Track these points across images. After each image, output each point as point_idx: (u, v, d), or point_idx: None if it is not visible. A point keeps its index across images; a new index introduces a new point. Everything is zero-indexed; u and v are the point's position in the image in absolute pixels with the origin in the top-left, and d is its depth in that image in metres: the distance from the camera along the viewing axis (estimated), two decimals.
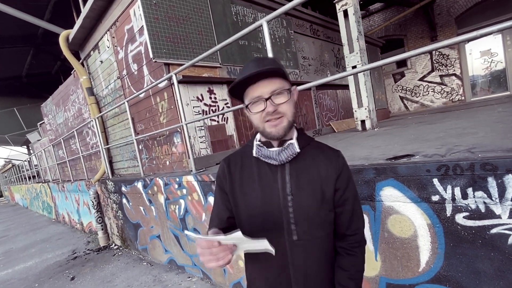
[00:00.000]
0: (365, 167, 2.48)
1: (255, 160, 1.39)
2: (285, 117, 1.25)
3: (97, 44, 7.22)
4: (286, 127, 1.26)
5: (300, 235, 1.31)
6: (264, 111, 1.23)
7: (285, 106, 1.23)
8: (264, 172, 1.36)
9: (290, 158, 1.31)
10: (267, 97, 1.21)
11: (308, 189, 1.31)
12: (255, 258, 1.42)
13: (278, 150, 1.31)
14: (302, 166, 1.34)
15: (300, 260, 1.33)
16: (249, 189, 1.37)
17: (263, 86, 1.21)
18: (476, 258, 2.00)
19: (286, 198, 1.30)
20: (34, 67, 18.02)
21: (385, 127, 6.59)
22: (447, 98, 13.31)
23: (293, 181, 1.31)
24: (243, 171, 1.41)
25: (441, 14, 13.03)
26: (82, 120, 9.23)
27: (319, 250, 1.35)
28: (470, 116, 5.37)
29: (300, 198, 1.30)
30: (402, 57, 2.45)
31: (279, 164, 1.32)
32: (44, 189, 15.09)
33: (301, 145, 1.34)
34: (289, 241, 1.31)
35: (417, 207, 2.22)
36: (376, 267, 2.58)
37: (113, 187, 7.18)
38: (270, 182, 1.33)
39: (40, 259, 8.08)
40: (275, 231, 1.31)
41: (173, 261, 5.65)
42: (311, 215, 1.31)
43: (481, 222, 1.95)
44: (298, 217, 1.30)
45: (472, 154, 2.14)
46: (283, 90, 1.22)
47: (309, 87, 3.21)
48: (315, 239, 1.33)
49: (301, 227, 1.30)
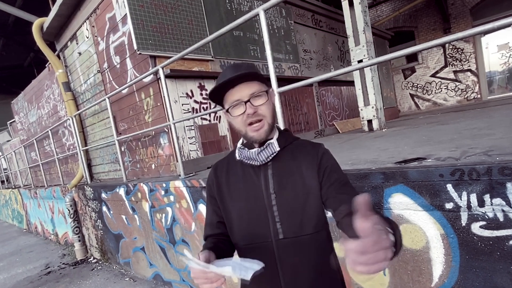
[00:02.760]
0: (372, 171, 2.48)
1: (239, 163, 1.53)
2: (265, 120, 1.38)
3: (75, 34, 7.20)
4: (267, 130, 1.39)
5: (286, 233, 1.40)
6: (245, 114, 1.35)
7: (264, 108, 1.37)
8: (248, 174, 1.49)
9: (270, 157, 1.43)
10: (246, 99, 1.33)
11: (291, 185, 1.42)
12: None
13: (257, 150, 1.43)
14: (284, 164, 1.46)
15: (288, 258, 1.42)
16: (235, 192, 1.51)
17: (241, 89, 1.34)
18: (494, 272, 2.00)
19: (270, 196, 1.42)
20: (4, 59, 17.93)
21: (394, 127, 6.61)
22: (461, 96, 13.38)
23: (275, 179, 1.43)
24: (229, 175, 1.55)
25: (455, 4, 13.10)
26: (58, 118, 9.19)
27: (307, 248, 1.42)
28: (486, 116, 5.40)
29: (283, 195, 1.41)
30: (412, 51, 2.46)
31: (261, 164, 1.44)
32: (14, 196, 14.97)
33: (282, 144, 1.45)
34: (275, 240, 1.41)
35: (430, 215, 2.23)
36: (384, 282, 2.58)
37: (92, 193, 7.14)
38: (254, 183, 1.46)
39: (8, 274, 8.02)
40: (261, 231, 1.43)
41: (159, 276, 5.63)
42: (295, 212, 1.41)
43: (499, 232, 1.95)
44: (282, 214, 1.41)
45: (489, 157, 2.15)
46: (261, 92, 1.36)
47: (311, 83, 3.22)
48: (302, 237, 1.41)
49: (286, 225, 1.40)
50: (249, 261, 1.13)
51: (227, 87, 1.36)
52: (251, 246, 1.46)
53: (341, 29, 10.62)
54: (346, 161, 3.30)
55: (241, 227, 1.49)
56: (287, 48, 8.36)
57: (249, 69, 1.34)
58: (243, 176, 1.50)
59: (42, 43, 7.73)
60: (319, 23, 10.09)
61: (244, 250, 1.50)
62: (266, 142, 1.43)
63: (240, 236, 1.49)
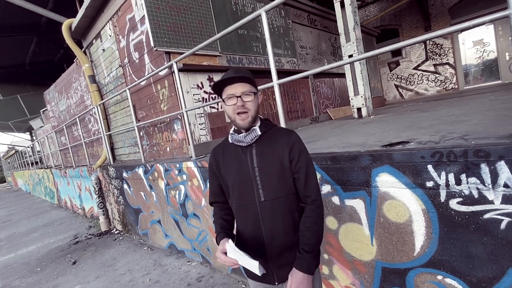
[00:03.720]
0: (361, 153, 2.47)
1: (232, 145, 1.83)
2: (250, 113, 1.69)
3: (99, 33, 7.16)
4: (250, 120, 1.71)
5: (266, 196, 1.73)
6: (236, 105, 1.66)
7: (250, 104, 1.68)
8: (238, 153, 1.80)
9: (254, 139, 1.74)
10: (239, 95, 1.65)
11: (270, 161, 1.73)
12: (237, 217, 1.89)
13: (244, 134, 1.74)
14: (265, 145, 1.76)
15: (268, 216, 1.74)
16: (230, 167, 1.83)
17: (236, 87, 1.66)
18: (470, 243, 2.01)
19: (254, 169, 1.74)
20: (37, 55, 17.90)
21: (381, 114, 6.57)
22: (441, 87, 13.28)
23: (258, 156, 1.75)
24: (224, 155, 1.87)
25: (435, 5, 12.93)
26: (84, 107, 9.19)
27: (281, 206, 1.74)
28: (463, 104, 5.36)
29: (264, 168, 1.73)
30: (397, 47, 2.44)
31: (248, 145, 1.76)
32: (47, 175, 15.08)
33: (262, 130, 1.76)
34: (258, 202, 1.74)
35: (412, 192, 2.22)
36: (372, 252, 2.59)
37: (115, 173, 7.17)
38: (243, 159, 1.78)
39: (42, 243, 8.10)
40: (248, 195, 1.76)
41: (173, 245, 5.68)
42: (273, 180, 1.72)
43: (474, 207, 1.95)
44: (263, 182, 1.73)
45: (466, 141, 2.14)
46: (250, 92, 1.68)
47: (307, 75, 3.19)
48: (278, 199, 1.73)
49: (266, 190, 1.73)
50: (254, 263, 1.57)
51: (227, 83, 1.67)
52: (242, 206, 1.79)
53: (334, 27, 10.52)
54: (338, 144, 3.29)
55: (234, 192, 1.81)
56: (285, 44, 8.28)
57: (246, 74, 1.66)
58: (234, 155, 1.81)
59: (70, 41, 7.68)
60: (314, 22, 9.97)
61: (237, 209, 1.83)
62: (251, 128, 1.74)
63: (234, 199, 1.82)
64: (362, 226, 2.61)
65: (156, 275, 4.89)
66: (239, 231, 1.90)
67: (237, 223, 1.91)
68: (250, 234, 1.79)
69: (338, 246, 2.86)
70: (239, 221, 1.88)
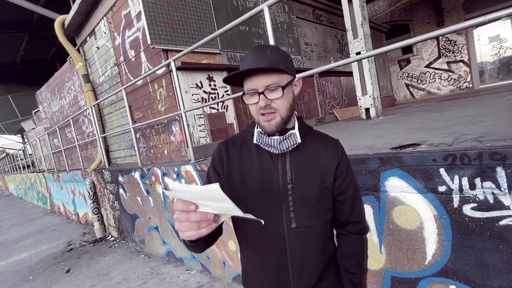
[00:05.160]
0: (369, 156, 2.46)
1: (254, 146, 1.41)
2: (278, 113, 1.26)
3: (94, 30, 7.18)
4: (279, 123, 1.27)
5: (299, 222, 1.34)
6: (257, 105, 1.25)
7: (278, 102, 1.25)
8: (264, 159, 1.38)
9: (291, 147, 1.33)
10: (261, 91, 1.22)
11: (308, 177, 1.35)
12: (250, 246, 1.46)
13: (279, 138, 1.33)
14: (302, 155, 1.37)
15: (298, 247, 1.36)
16: (248, 174, 1.39)
17: (258, 79, 1.22)
18: (484, 251, 1.99)
19: (286, 186, 1.33)
20: (29, 53, 17.99)
21: (390, 115, 6.56)
22: (454, 86, 13.24)
23: (293, 169, 1.34)
24: (242, 156, 1.43)
25: None
26: (78, 108, 9.22)
27: (316, 237, 1.39)
28: (478, 104, 5.34)
29: (300, 186, 1.33)
30: (407, 43, 2.43)
31: (280, 152, 1.34)
32: (39, 179, 15.10)
33: (302, 135, 1.37)
34: (287, 229, 1.34)
35: (423, 197, 2.21)
36: (380, 260, 2.58)
37: (110, 177, 7.18)
38: (271, 169, 1.36)
39: (34, 251, 8.11)
40: (274, 218, 1.34)
41: (171, 253, 5.67)
42: (310, 204, 1.35)
43: (490, 213, 1.93)
44: (297, 205, 1.33)
45: (480, 143, 2.12)
46: (277, 86, 1.22)
47: (312, 74, 3.19)
48: (314, 226, 1.37)
49: (300, 215, 1.34)
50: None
51: (244, 74, 1.25)
52: (261, 232, 1.36)
53: (340, 23, 10.53)
54: (345, 147, 3.27)
55: (251, 211, 1.24)
56: (289, 41, 8.29)
57: (270, 58, 1.23)
58: (258, 161, 1.39)
59: (63, 39, 7.72)
60: (320, 17, 9.98)
61: (252, 235, 1.42)
62: (288, 132, 1.35)
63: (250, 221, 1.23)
64: (370, 233, 2.59)
65: (153, 284, 4.88)
66: (249, 266, 1.52)
67: (248, 255, 1.52)
68: (270, 270, 1.41)
69: None
70: (252, 252, 1.48)
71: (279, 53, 1.27)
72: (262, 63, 1.21)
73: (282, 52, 1.30)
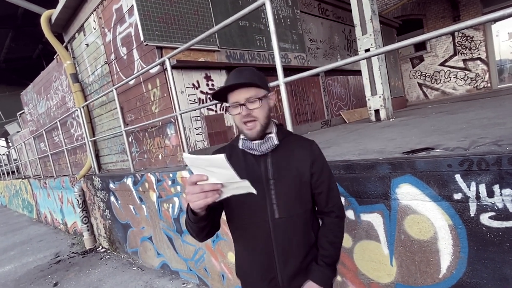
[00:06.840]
0: (379, 161, 2.46)
1: (241, 151, 1.78)
2: (258, 121, 1.63)
3: (83, 26, 7.20)
4: (259, 130, 1.65)
5: (281, 213, 1.68)
6: (240, 114, 1.61)
7: (257, 111, 1.62)
8: (250, 160, 1.74)
9: (270, 149, 1.70)
10: (242, 103, 1.59)
11: (287, 173, 1.70)
12: (241, 236, 1.83)
13: (259, 142, 1.69)
14: (281, 155, 1.73)
15: (282, 235, 1.70)
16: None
17: (239, 93, 1.59)
18: (504, 263, 1.98)
19: (269, 182, 1.68)
20: (13, 51, 18.04)
21: (402, 117, 6.56)
22: (471, 85, 13.22)
23: (274, 167, 1.70)
24: (231, 160, 1.62)
25: None
26: (66, 109, 9.23)
27: (298, 226, 1.73)
28: (496, 105, 5.34)
29: (280, 181, 1.69)
30: (421, 39, 2.42)
31: (262, 154, 1.71)
32: (24, 186, 15.12)
33: (280, 138, 1.73)
34: (272, 219, 1.69)
35: (438, 206, 2.21)
36: (391, 273, 2.57)
37: (100, 183, 7.18)
38: (255, 169, 1.71)
39: (20, 263, 8.11)
40: (260, 211, 1.69)
41: (166, 265, 5.66)
42: (290, 196, 1.70)
43: (509, 223, 1.93)
44: (279, 197, 1.68)
45: (499, 147, 2.12)
46: (256, 98, 1.59)
47: (317, 72, 3.19)
48: (294, 216, 1.71)
49: (282, 206, 1.68)
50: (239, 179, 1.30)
51: (227, 91, 1.62)
52: (250, 224, 1.73)
53: (348, 18, 10.50)
54: (353, 151, 3.28)
55: (241, 207, 1.73)
56: (293, 37, 8.31)
57: (249, 76, 1.60)
58: (245, 162, 1.74)
59: (50, 35, 7.74)
60: (326, 12, 10.00)
61: (243, 227, 1.77)
62: (266, 136, 1.70)
63: (239, 215, 1.75)
64: (380, 244, 2.59)
65: None
66: (241, 255, 1.87)
67: (240, 245, 1.87)
68: (258, 256, 1.76)
69: (352, 267, 2.84)
70: (243, 242, 1.84)
71: (255, 73, 1.64)
72: (241, 80, 1.58)
73: (258, 72, 1.67)
